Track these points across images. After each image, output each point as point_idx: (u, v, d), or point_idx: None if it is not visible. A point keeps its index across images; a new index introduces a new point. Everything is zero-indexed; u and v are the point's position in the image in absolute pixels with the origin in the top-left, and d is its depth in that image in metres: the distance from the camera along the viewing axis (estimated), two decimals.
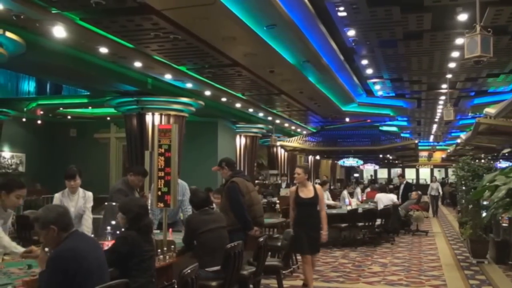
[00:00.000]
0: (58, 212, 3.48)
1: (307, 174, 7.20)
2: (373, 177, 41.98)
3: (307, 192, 6.94)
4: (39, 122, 17.17)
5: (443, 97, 16.42)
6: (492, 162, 11.47)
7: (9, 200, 4.57)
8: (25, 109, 15.84)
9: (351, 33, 9.81)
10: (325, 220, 7.01)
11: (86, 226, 5.89)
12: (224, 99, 14.25)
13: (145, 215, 4.34)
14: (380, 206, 12.79)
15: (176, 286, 3.92)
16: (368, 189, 18.66)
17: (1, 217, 4.65)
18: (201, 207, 5.60)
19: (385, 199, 13.21)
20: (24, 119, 16.57)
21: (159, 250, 4.97)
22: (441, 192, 22.50)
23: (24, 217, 9.79)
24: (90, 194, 6.06)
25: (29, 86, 16.76)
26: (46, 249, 3.57)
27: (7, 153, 17.43)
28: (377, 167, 42.63)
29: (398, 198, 14.61)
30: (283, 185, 19.04)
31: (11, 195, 4.55)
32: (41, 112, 16.52)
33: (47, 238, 3.41)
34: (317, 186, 7.22)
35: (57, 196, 5.89)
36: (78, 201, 5.92)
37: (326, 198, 12.99)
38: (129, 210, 4.25)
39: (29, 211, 10.98)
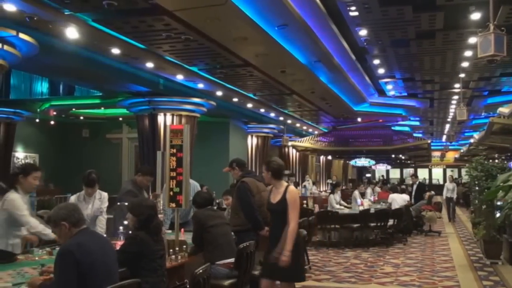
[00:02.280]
0: (68, 208, 3.58)
1: (272, 171, 5.22)
2: (384, 177, 41.76)
3: (276, 195, 5.20)
4: (52, 122, 17.31)
5: (456, 97, 16.31)
6: (506, 162, 11.36)
7: (27, 182, 4.97)
8: (38, 110, 15.99)
9: (363, 32, 9.78)
10: (291, 236, 4.88)
11: (100, 227, 5.93)
12: (235, 99, 14.27)
13: (155, 215, 4.37)
14: (395, 206, 12.73)
15: (188, 286, 3.94)
16: (378, 189, 18.55)
17: (25, 202, 4.90)
18: (204, 206, 5.70)
19: (399, 200, 13.16)
20: (37, 120, 16.72)
21: (171, 250, 4.99)
22: (456, 194, 19.03)
23: (37, 217, 9.89)
24: (105, 195, 6.10)
25: (42, 87, 16.90)
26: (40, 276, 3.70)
27: (20, 154, 17.58)
28: (389, 167, 42.42)
29: (410, 198, 14.54)
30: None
31: (29, 177, 4.96)
32: (54, 113, 16.65)
33: (61, 235, 3.52)
34: (291, 188, 5.24)
35: (72, 199, 5.93)
36: (95, 203, 5.97)
37: (336, 201, 12.90)
38: (141, 213, 4.27)
39: (42, 211, 11.08)
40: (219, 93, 13.12)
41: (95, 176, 5.87)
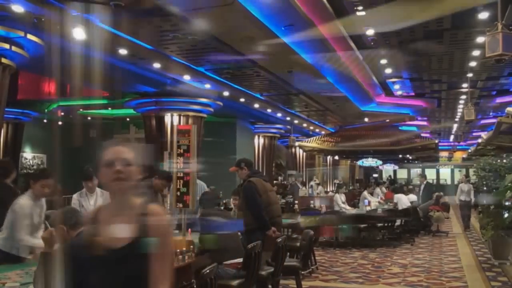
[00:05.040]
0: (65, 212, 3.75)
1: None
2: (392, 178, 41.61)
3: (116, 228, 2.32)
4: (59, 123, 17.36)
5: (463, 97, 16.21)
6: None
7: (36, 189, 4.85)
8: (46, 110, 16.05)
9: (370, 32, 9.74)
10: None
11: None
12: (242, 100, 14.27)
13: None
14: (401, 206, 12.69)
15: (195, 286, 3.93)
16: (384, 189, 18.50)
17: (36, 206, 4.86)
18: (210, 206, 5.73)
19: (405, 200, 13.12)
20: (45, 120, 16.79)
21: (178, 250, 4.99)
22: (473, 198, 15.01)
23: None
24: (107, 194, 6.09)
25: (49, 87, 16.94)
26: (52, 228, 3.66)
27: (28, 154, 17.66)
28: (396, 167, 42.26)
29: (418, 199, 14.48)
30: (299, 185, 18.67)
31: (37, 184, 4.84)
32: (62, 113, 16.70)
33: (60, 238, 3.55)
34: (155, 209, 2.38)
35: (74, 197, 5.93)
36: (97, 200, 5.96)
37: (341, 201, 12.85)
38: None
39: (49, 211, 11.10)
40: (226, 93, 13.13)
41: (91, 169, 5.89)
